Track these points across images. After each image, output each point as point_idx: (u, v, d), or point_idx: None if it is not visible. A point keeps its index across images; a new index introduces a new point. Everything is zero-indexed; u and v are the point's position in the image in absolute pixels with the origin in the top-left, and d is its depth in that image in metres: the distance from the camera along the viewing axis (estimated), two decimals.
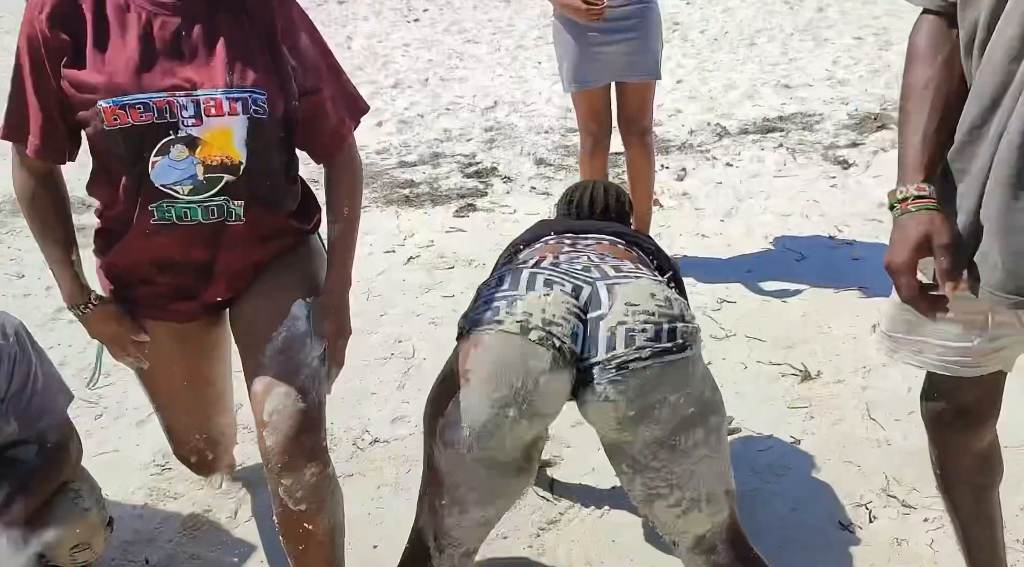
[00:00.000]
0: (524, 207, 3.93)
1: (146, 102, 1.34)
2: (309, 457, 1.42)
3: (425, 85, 6.89)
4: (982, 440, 1.38)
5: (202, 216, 1.43)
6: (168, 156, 1.37)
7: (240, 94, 1.37)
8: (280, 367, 1.44)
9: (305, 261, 1.61)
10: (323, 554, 1.48)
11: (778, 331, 2.68)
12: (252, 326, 1.52)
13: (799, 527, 1.86)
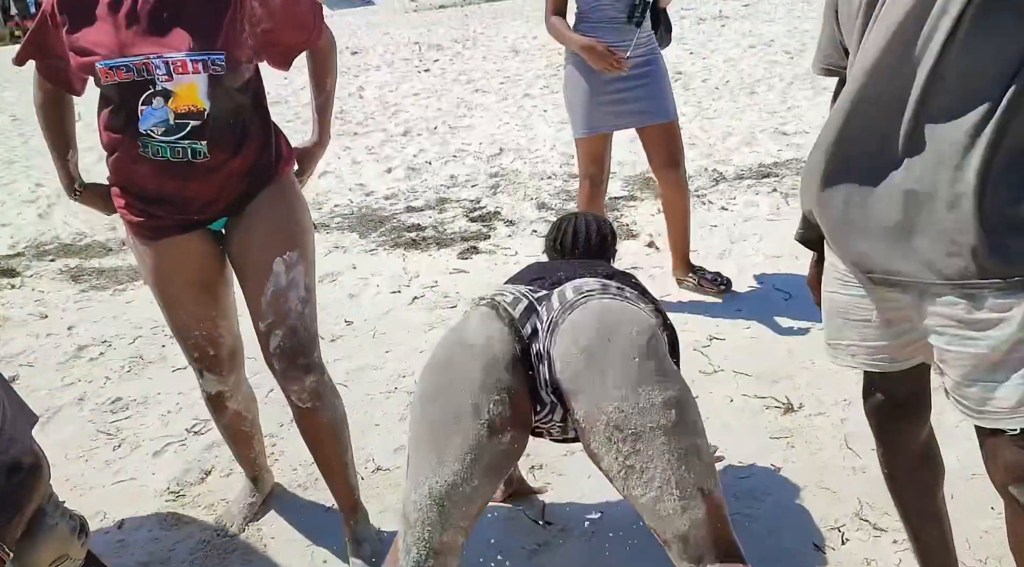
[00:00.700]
0: (525, 249, 4.09)
1: (127, 64, 1.71)
2: (306, 371, 1.91)
3: (434, 133, 7.13)
4: (919, 434, 1.52)
5: (170, 155, 1.78)
6: (151, 106, 1.74)
7: (200, 56, 1.72)
8: (274, 314, 1.89)
9: (282, 210, 1.91)
10: (331, 440, 2.02)
11: (764, 366, 2.80)
12: (245, 279, 1.92)
13: (776, 549, 1.96)
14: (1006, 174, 1.17)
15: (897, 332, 1.40)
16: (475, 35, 13.69)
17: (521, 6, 18.11)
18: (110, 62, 1.71)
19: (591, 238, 2.02)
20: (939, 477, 1.59)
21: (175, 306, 1.98)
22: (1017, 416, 1.23)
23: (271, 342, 1.90)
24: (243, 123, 1.84)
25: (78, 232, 5.20)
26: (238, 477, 2.41)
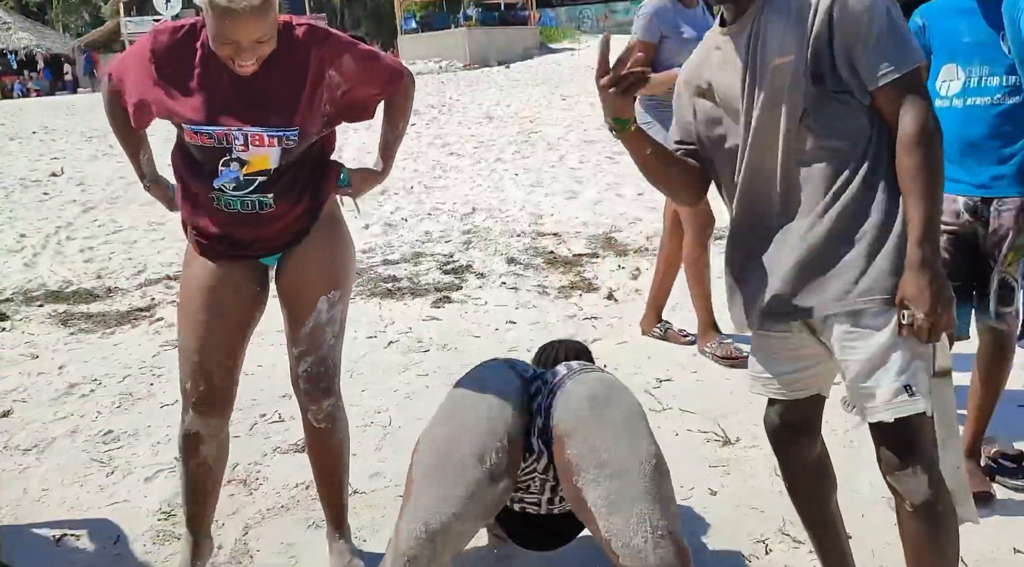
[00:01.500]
0: (494, 299, 4.39)
1: (210, 132, 1.92)
2: (326, 394, 2.16)
3: (410, 192, 7.48)
4: (811, 450, 1.82)
5: (240, 207, 1.99)
6: (228, 168, 1.95)
7: (277, 133, 1.93)
8: (309, 344, 2.11)
9: (333, 250, 2.12)
10: (335, 462, 2.25)
11: (708, 405, 3.09)
12: (292, 311, 2.12)
13: (710, 559, 2.22)
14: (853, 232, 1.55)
15: (798, 367, 1.72)
16: (451, 101, 14.23)
17: (495, 76, 18.81)
18: (196, 127, 1.91)
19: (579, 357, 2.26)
20: (831, 489, 1.88)
21: (203, 329, 2.04)
22: (891, 408, 1.54)
23: (300, 366, 2.12)
24: (306, 174, 2.03)
25: (64, 280, 5.41)
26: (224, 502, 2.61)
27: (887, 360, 1.54)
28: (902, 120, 1.52)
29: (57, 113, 16.86)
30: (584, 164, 8.35)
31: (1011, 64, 2.16)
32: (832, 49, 1.53)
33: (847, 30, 1.51)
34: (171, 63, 1.93)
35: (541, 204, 6.76)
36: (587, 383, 1.80)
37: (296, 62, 1.94)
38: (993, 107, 2.22)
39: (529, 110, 12.54)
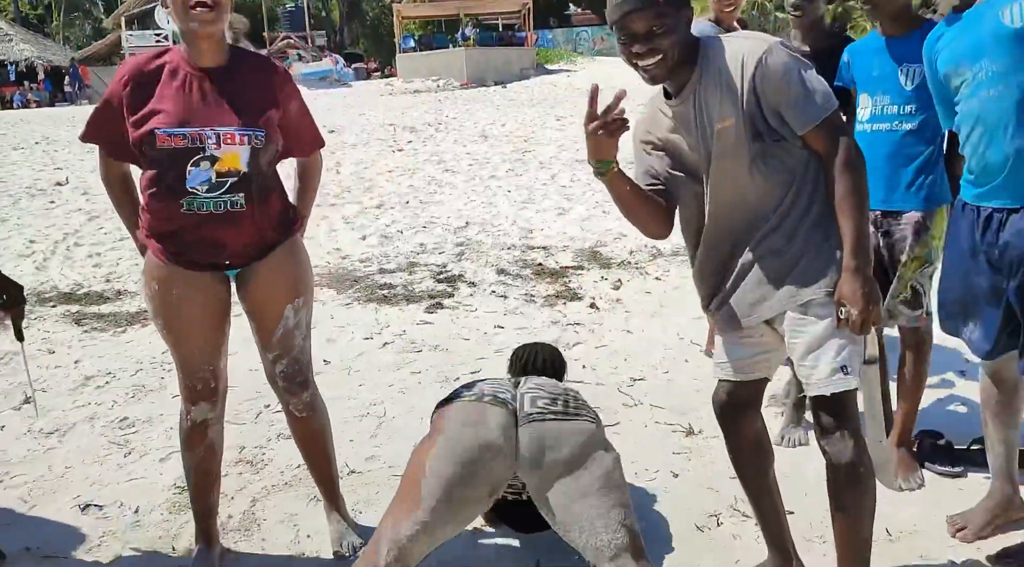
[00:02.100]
0: (484, 306, 4.68)
1: (184, 133, 2.10)
2: (303, 388, 2.40)
3: (406, 206, 7.78)
4: (752, 426, 2.11)
5: (213, 208, 2.14)
6: (198, 168, 2.12)
7: (247, 131, 2.15)
8: (282, 348, 2.35)
9: (292, 265, 2.32)
10: (319, 444, 2.52)
11: (675, 401, 3.38)
12: (260, 321, 2.32)
13: (669, 529, 2.50)
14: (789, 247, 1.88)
15: (755, 353, 2.03)
16: (447, 120, 14.56)
17: (491, 95, 19.18)
18: (170, 130, 2.08)
19: (546, 364, 2.60)
20: (769, 461, 2.16)
21: (186, 341, 2.26)
22: (829, 385, 1.84)
23: (277, 368, 2.36)
24: (268, 184, 2.25)
25: (75, 283, 5.68)
26: (233, 479, 2.88)
27: (827, 344, 1.85)
28: (829, 154, 1.84)
29: (58, 124, 17.10)
30: (575, 182, 8.67)
31: (908, 94, 2.50)
32: (762, 110, 1.84)
33: (771, 95, 1.82)
34: (141, 85, 2.15)
35: (532, 219, 7.07)
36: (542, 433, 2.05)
37: (266, 82, 2.25)
38: (892, 132, 2.55)
39: (524, 129, 12.88)
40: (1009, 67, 2.08)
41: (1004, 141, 2.11)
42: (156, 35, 30.65)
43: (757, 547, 2.36)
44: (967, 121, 2.21)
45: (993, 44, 2.11)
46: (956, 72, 2.22)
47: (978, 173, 2.22)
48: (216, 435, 2.40)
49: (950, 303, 2.37)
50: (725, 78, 1.85)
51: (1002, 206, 2.15)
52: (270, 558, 2.46)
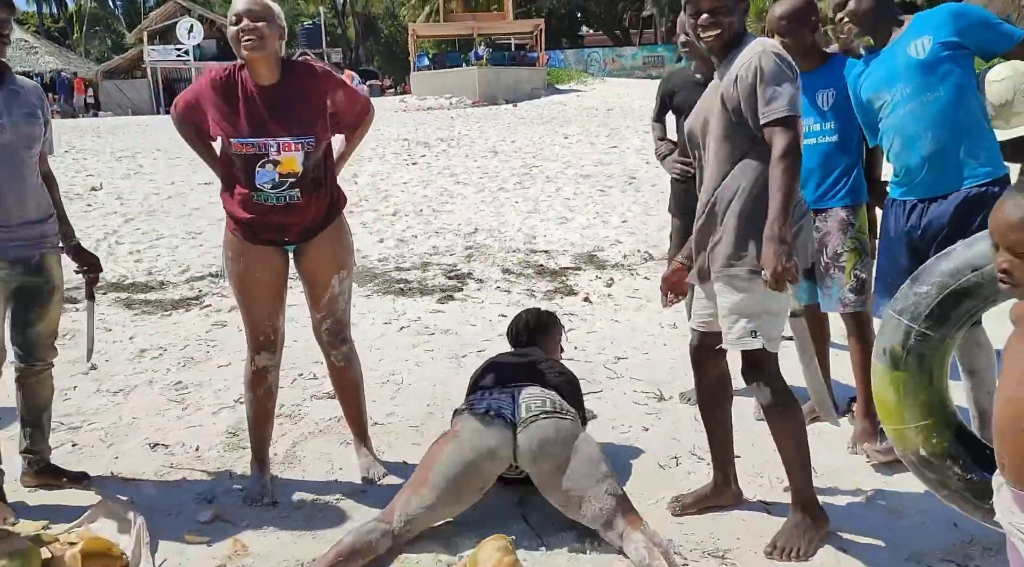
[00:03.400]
0: (490, 298, 5.24)
1: (252, 142, 2.66)
2: (343, 342, 2.98)
3: (419, 214, 8.36)
4: (713, 367, 2.64)
5: (276, 201, 2.71)
6: (264, 169, 2.68)
7: (299, 139, 2.69)
8: (328, 310, 2.91)
9: (339, 242, 2.87)
10: (354, 390, 3.08)
11: (653, 376, 3.93)
12: (312, 287, 2.88)
13: (634, 469, 3.04)
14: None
15: (708, 309, 2.57)
16: (459, 136, 15.20)
17: (502, 113, 19.83)
18: (241, 140, 2.67)
19: (529, 325, 3.25)
20: (727, 397, 2.70)
21: (256, 300, 2.87)
22: (739, 344, 2.39)
23: (323, 325, 2.93)
24: (320, 175, 2.86)
25: (120, 275, 6.27)
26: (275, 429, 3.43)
27: (743, 311, 2.38)
28: (776, 148, 2.30)
29: (83, 134, 17.80)
30: (577, 195, 9.25)
31: (826, 114, 3.06)
32: (741, 97, 2.34)
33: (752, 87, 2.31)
34: (221, 95, 2.70)
35: (536, 227, 7.64)
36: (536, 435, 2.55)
37: (307, 92, 2.78)
38: (817, 145, 3.10)
39: (532, 146, 13.49)
40: (919, 88, 2.69)
41: (921, 147, 2.70)
42: (177, 50, 31.56)
43: (707, 481, 2.91)
44: (890, 134, 2.80)
45: (904, 72, 2.72)
46: (877, 97, 2.81)
47: (902, 175, 2.80)
48: (274, 380, 2.96)
49: (881, 281, 2.94)
50: (736, 65, 2.35)
51: (924, 197, 2.74)
52: (310, 484, 3.00)
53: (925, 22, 2.71)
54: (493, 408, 2.64)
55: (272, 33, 2.67)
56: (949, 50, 2.64)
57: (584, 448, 2.58)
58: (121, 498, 2.77)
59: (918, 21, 2.73)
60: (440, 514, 2.55)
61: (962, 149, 2.66)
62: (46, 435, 2.99)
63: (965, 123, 2.66)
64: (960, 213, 2.66)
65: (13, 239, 2.72)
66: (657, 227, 7.35)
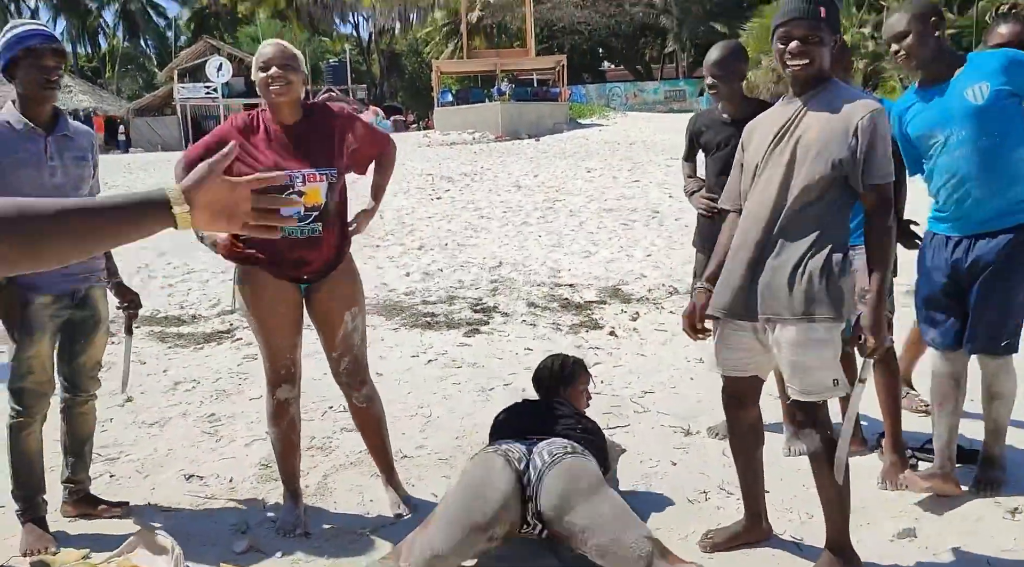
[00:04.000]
0: (516, 332, 5.29)
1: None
2: (362, 383, 3.01)
3: (445, 248, 8.47)
4: (749, 416, 2.64)
5: (299, 234, 2.77)
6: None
7: (323, 171, 2.78)
8: (344, 347, 2.94)
9: (349, 280, 2.95)
10: (378, 429, 3.10)
11: (680, 409, 3.94)
12: (326, 324, 2.93)
13: (666, 502, 3.05)
14: None
15: (739, 356, 2.56)
16: (482, 170, 15.38)
17: (524, 147, 20.04)
18: (268, 174, 2.87)
19: (554, 374, 3.24)
20: (759, 443, 2.70)
21: (276, 334, 2.92)
22: (815, 396, 2.40)
23: (340, 365, 2.96)
24: (339, 209, 2.87)
25: (153, 309, 6.39)
26: (307, 460, 3.49)
27: (825, 363, 2.37)
28: (873, 212, 2.35)
29: (115, 171, 18.18)
30: (601, 229, 9.32)
31: None
32: (848, 153, 2.30)
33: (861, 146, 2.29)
34: (245, 135, 2.79)
35: (560, 261, 7.71)
36: (557, 478, 2.53)
37: (328, 129, 2.89)
38: None
39: (555, 180, 13.62)
40: (975, 133, 2.81)
41: (974, 188, 2.85)
42: (206, 88, 32.31)
43: (737, 516, 2.90)
44: (941, 173, 2.92)
45: (960, 115, 2.83)
46: (929, 135, 2.93)
47: (950, 211, 2.94)
48: (296, 412, 3.02)
49: (924, 310, 3.06)
50: (834, 111, 2.33)
51: (972, 233, 2.89)
52: (342, 515, 3.05)
53: (983, 67, 2.83)
54: (502, 449, 2.65)
55: (297, 78, 2.81)
56: (1005, 98, 2.78)
57: (612, 492, 2.56)
58: (158, 527, 2.83)
59: (976, 65, 2.85)
60: (447, 559, 2.45)
61: (1013, 192, 2.83)
62: (87, 465, 3.07)
63: (1016, 168, 2.83)
64: (1008, 251, 2.83)
65: (63, 273, 2.82)
66: (681, 261, 7.37)
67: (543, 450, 2.65)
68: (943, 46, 2.91)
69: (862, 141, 2.30)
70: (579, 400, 3.25)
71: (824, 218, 2.39)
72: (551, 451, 2.64)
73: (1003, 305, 2.88)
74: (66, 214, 1.09)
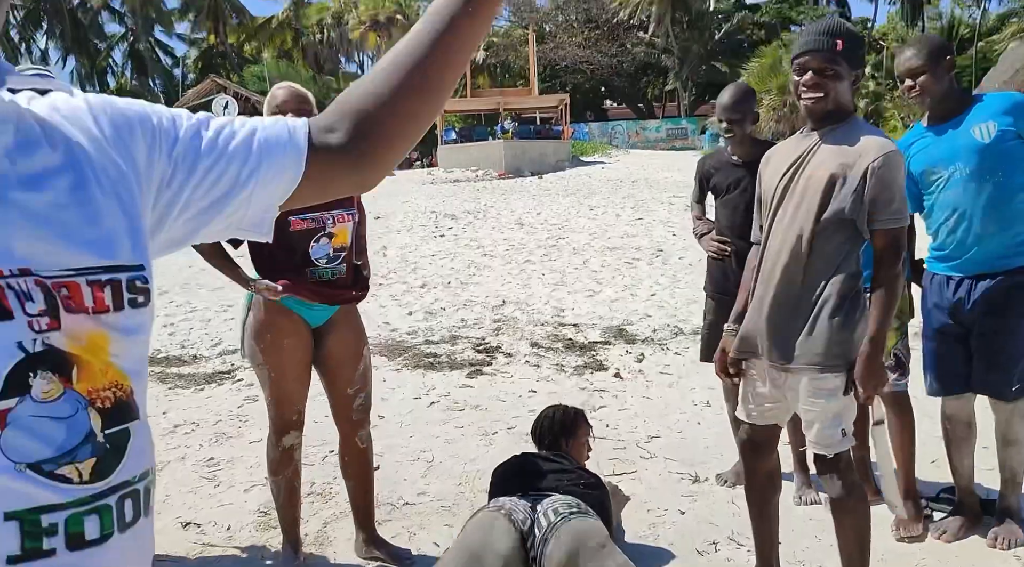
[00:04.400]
0: (519, 373, 5.23)
1: (311, 216, 2.73)
2: (364, 425, 2.99)
3: (448, 286, 8.43)
4: (766, 464, 2.57)
5: (328, 275, 2.81)
6: (319, 244, 2.77)
7: (349, 211, 2.82)
8: (362, 382, 2.95)
9: (358, 316, 2.97)
10: (370, 472, 3.05)
11: (687, 455, 3.87)
12: (345, 360, 2.92)
13: (673, 554, 2.97)
14: None
15: (760, 404, 2.50)
16: (485, 208, 15.41)
17: (528, 186, 20.12)
18: (300, 216, 2.71)
19: (554, 428, 3.16)
20: (776, 492, 2.63)
21: (289, 379, 2.88)
22: (834, 447, 2.33)
23: (355, 401, 2.93)
24: (358, 250, 2.94)
25: (154, 349, 6.35)
26: (307, 507, 3.41)
27: (838, 415, 2.31)
28: (883, 254, 2.28)
29: None
30: (605, 267, 9.30)
31: None
32: (857, 192, 2.24)
33: (873, 187, 2.22)
34: None
35: (564, 300, 7.66)
36: (565, 538, 2.47)
37: None
38: None
39: (558, 218, 13.63)
40: (978, 171, 2.80)
41: (975, 227, 2.83)
42: None
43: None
44: (943, 209, 2.89)
45: (966, 152, 2.82)
46: (933, 170, 2.91)
47: (950, 249, 2.90)
48: (299, 458, 2.97)
49: (931, 352, 3.02)
50: (848, 149, 2.26)
51: (972, 274, 2.86)
52: (342, 566, 2.97)
53: (992, 107, 2.83)
54: (505, 508, 2.59)
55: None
56: (1011, 139, 2.78)
57: (618, 553, 2.48)
58: None
59: (985, 105, 2.85)
60: None
61: (1013, 232, 2.81)
62: None
63: (1018, 209, 2.81)
64: (1008, 292, 2.80)
65: None
66: (686, 300, 7.34)
67: (548, 509, 2.59)
68: (954, 84, 2.91)
69: (871, 183, 2.24)
70: (580, 452, 3.16)
71: (835, 259, 2.33)
72: (556, 510, 2.58)
73: (1010, 351, 2.84)
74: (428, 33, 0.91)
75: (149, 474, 0.82)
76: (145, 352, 0.83)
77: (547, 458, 3.00)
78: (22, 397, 0.70)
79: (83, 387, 0.74)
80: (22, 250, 0.72)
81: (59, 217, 0.75)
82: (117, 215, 0.80)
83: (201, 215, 0.89)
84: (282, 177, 0.91)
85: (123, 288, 0.78)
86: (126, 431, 0.77)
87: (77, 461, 0.73)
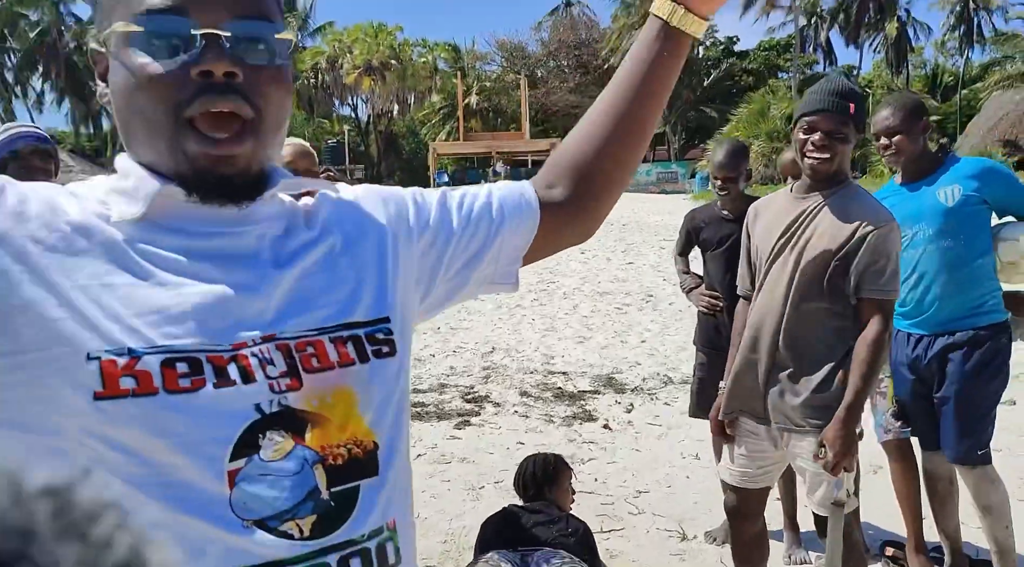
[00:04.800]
0: (507, 424, 5.17)
1: None
2: None
3: (437, 331, 8.38)
4: (754, 526, 2.53)
5: None
6: None
7: None
8: None
9: None
10: None
11: (675, 511, 3.80)
12: None
13: None
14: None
15: (755, 466, 2.47)
16: None
17: None
18: None
19: (536, 477, 3.07)
20: (764, 555, 2.59)
21: None
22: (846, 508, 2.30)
23: None
24: None
25: None
26: None
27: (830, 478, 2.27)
28: (866, 323, 2.25)
29: None
30: (595, 313, 9.28)
31: None
32: (847, 260, 2.25)
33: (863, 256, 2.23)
34: None
35: (554, 346, 7.62)
36: None
37: None
38: None
39: (548, 261, 13.64)
40: (940, 233, 2.83)
41: (934, 287, 2.86)
42: None
43: None
44: (906, 267, 2.87)
45: (930, 213, 2.84)
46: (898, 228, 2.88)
47: (911, 307, 2.93)
48: None
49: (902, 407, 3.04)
50: (846, 219, 2.27)
51: (931, 333, 2.90)
52: None
53: (959, 171, 2.86)
54: (496, 563, 2.53)
55: (314, 171, 2.98)
56: (974, 204, 2.80)
57: None
58: None
59: (957, 168, 2.87)
60: None
61: (971, 294, 2.84)
62: None
63: (976, 273, 2.84)
64: (965, 351, 2.83)
65: None
66: (676, 348, 7.31)
67: (540, 563, 2.54)
68: (928, 145, 2.96)
69: (864, 252, 2.25)
70: (565, 499, 3.10)
71: (833, 322, 2.33)
72: (549, 562, 2.52)
73: (969, 415, 2.82)
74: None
75: (383, 531, 0.81)
76: (402, 406, 0.87)
77: (534, 510, 2.94)
78: (251, 457, 0.74)
79: (316, 443, 0.77)
80: (267, 318, 0.79)
81: (304, 285, 0.82)
82: (363, 276, 0.87)
83: (459, 274, 0.99)
84: (522, 231, 1.02)
85: (363, 341, 0.83)
86: (355, 488, 0.79)
87: (298, 518, 0.75)
